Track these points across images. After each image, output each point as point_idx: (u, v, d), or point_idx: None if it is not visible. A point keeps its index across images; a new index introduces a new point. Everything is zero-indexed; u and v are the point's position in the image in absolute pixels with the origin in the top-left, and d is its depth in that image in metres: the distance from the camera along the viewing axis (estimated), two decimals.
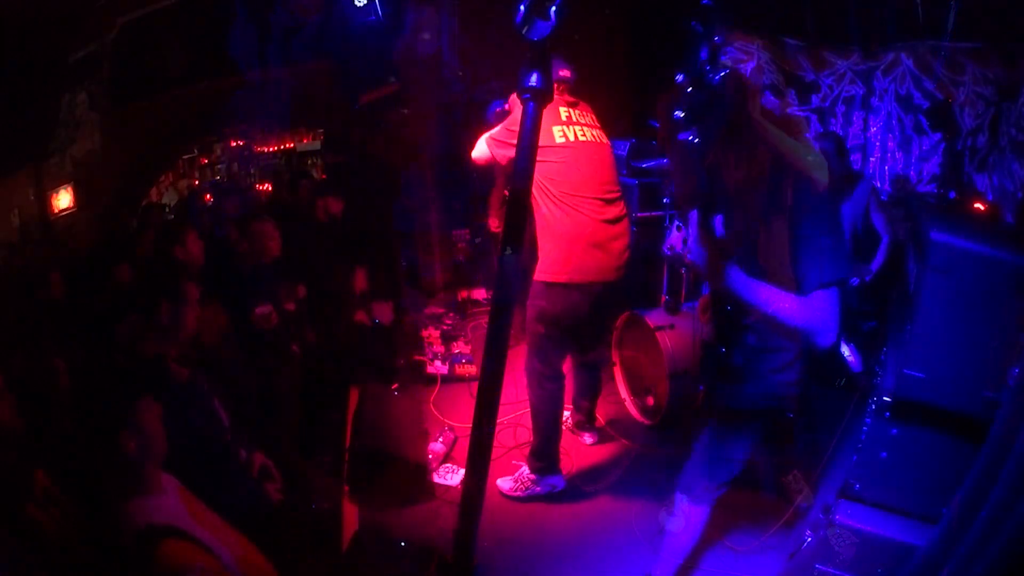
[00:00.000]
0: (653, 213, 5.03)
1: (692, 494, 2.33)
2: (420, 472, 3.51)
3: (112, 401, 2.00)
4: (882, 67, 5.60)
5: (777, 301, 1.76)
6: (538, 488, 3.42)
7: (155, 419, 2.01)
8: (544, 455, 3.42)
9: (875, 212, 4.34)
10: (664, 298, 4.64)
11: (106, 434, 1.93)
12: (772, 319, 1.79)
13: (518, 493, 3.43)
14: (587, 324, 3.34)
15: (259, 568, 2.13)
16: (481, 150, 3.29)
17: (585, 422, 3.97)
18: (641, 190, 5.15)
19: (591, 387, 3.88)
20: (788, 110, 5.94)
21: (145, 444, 1.95)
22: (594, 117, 3.40)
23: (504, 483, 3.48)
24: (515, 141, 3.31)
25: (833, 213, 1.84)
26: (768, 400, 2.14)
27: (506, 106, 3.56)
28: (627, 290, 3.50)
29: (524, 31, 1.12)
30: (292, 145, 10.52)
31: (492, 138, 3.24)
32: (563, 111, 3.26)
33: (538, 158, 3.11)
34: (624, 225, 3.31)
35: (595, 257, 3.19)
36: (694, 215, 1.83)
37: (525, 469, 3.47)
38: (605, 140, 3.37)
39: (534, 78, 1.16)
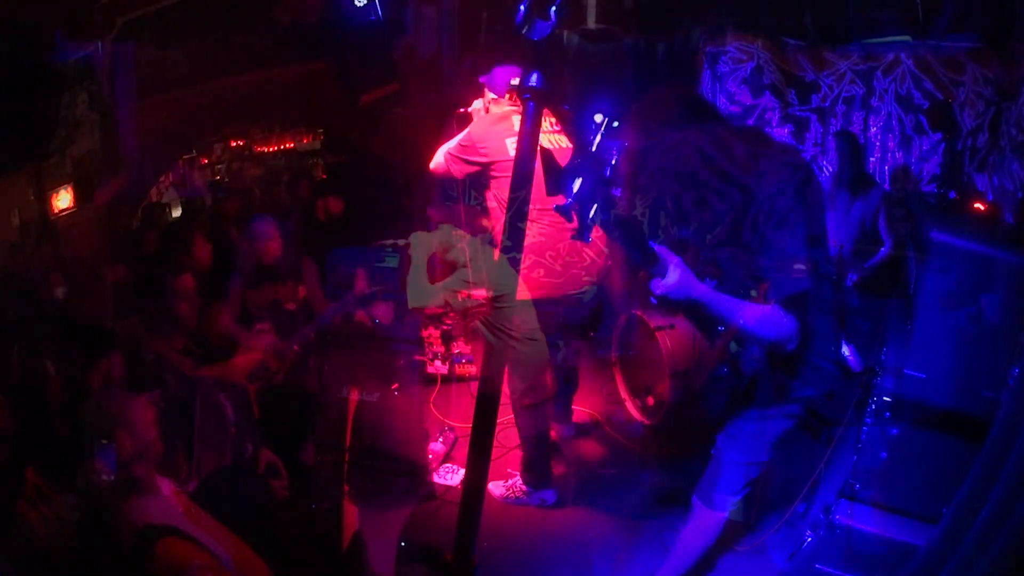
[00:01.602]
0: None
1: (711, 502, 2.30)
2: (420, 472, 3.50)
3: (109, 401, 2.01)
4: (882, 67, 5.59)
5: (740, 311, 1.76)
6: (527, 499, 3.38)
7: (151, 422, 2.02)
8: (534, 469, 3.35)
9: (883, 221, 4.36)
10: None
11: (103, 435, 1.94)
12: (738, 329, 1.79)
13: (508, 501, 3.39)
14: (562, 331, 3.29)
15: (254, 567, 2.13)
16: (438, 163, 3.25)
17: (561, 416, 3.86)
18: None
19: (565, 382, 3.77)
20: (788, 110, 5.94)
21: (141, 446, 1.96)
22: (553, 120, 3.25)
23: (496, 488, 3.43)
24: (469, 156, 3.32)
25: (811, 221, 1.81)
26: (787, 405, 2.13)
27: (467, 110, 3.38)
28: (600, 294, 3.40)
29: (524, 31, 1.12)
30: (292, 145, 10.52)
31: (449, 152, 3.18)
32: (517, 120, 3.09)
33: (495, 174, 3.09)
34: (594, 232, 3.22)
35: (567, 269, 3.10)
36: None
37: (518, 480, 3.41)
38: (566, 144, 3.21)
39: (534, 78, 1.16)
